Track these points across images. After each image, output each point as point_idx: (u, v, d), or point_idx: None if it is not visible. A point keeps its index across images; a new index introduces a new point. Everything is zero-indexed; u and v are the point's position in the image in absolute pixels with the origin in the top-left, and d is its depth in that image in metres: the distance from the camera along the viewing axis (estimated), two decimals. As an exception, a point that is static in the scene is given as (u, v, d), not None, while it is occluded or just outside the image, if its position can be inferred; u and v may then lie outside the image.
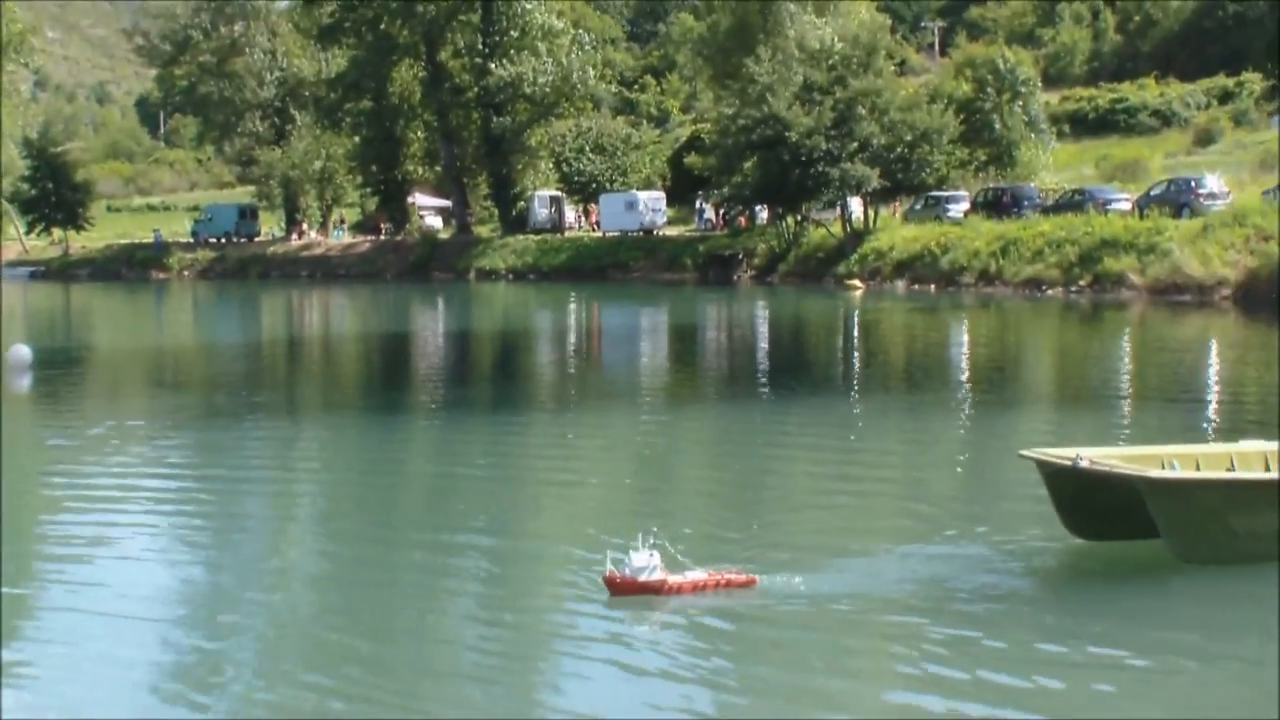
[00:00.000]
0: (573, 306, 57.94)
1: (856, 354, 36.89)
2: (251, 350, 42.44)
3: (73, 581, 12.98)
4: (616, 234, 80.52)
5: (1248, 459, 13.73)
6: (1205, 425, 21.31)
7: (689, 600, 11.52)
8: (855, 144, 63.31)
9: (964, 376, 30.86)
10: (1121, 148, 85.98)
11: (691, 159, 75.19)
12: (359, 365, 38.62)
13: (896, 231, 64.59)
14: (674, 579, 11.57)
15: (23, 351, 33.23)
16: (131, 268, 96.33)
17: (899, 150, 64.29)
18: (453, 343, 44.71)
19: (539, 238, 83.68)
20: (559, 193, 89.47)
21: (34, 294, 79.22)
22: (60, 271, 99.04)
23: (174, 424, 24.77)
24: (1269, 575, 12.14)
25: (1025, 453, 13.48)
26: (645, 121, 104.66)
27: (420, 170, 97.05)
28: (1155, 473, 12.50)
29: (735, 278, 68.96)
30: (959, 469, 18.37)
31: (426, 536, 14.83)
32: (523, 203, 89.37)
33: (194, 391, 31.17)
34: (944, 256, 58.66)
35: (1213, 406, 24.22)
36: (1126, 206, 57.57)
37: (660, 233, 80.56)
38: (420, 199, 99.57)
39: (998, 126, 74.01)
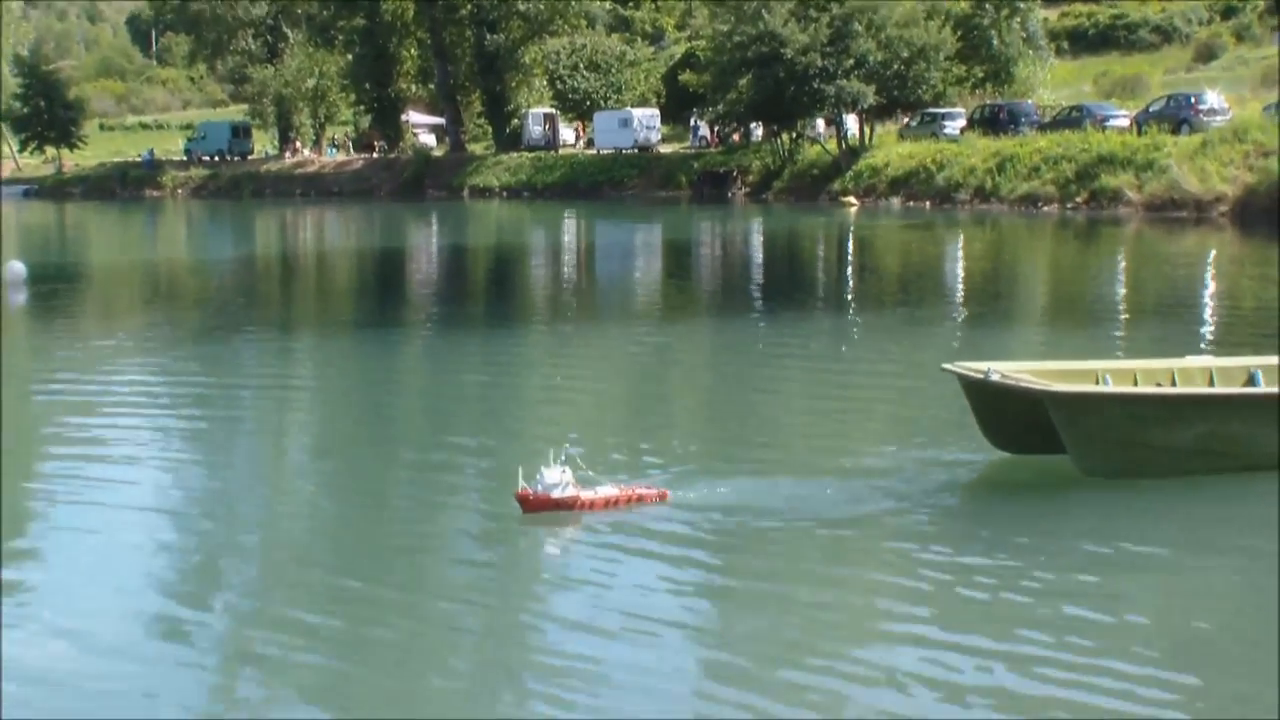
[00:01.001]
0: (567, 224, 57.78)
1: (850, 270, 36.82)
2: (246, 267, 42.37)
3: (70, 489, 12.95)
4: (611, 151, 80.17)
5: (1190, 374, 13.59)
6: (1201, 340, 21.24)
7: (600, 516, 11.36)
8: (851, 61, 62.85)
9: (958, 293, 30.81)
10: (1121, 64, 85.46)
11: (686, 76, 74.62)
12: (352, 281, 38.57)
13: (892, 148, 64.30)
14: (586, 495, 11.38)
15: (17, 267, 33.22)
16: (125, 186, 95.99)
17: (895, 67, 63.86)
18: (446, 259, 44.64)
19: (533, 155, 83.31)
20: (553, 110, 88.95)
21: (28, 212, 78.94)
22: (54, 189, 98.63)
23: (168, 338, 24.75)
24: (1176, 489, 12.15)
25: (946, 366, 13.28)
26: (640, 38, 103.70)
27: (414, 88, 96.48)
28: (1057, 386, 12.43)
29: (730, 195, 68.76)
30: (918, 385, 17.88)
31: (375, 448, 14.93)
32: (517, 120, 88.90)
33: (188, 307, 31.14)
34: (940, 174, 58.47)
35: (1209, 322, 24.15)
36: (1125, 123, 57.21)
37: (655, 150, 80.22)
38: (414, 116, 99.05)
39: (995, 43, 73.45)
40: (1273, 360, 14.07)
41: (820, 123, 67.27)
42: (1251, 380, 13.52)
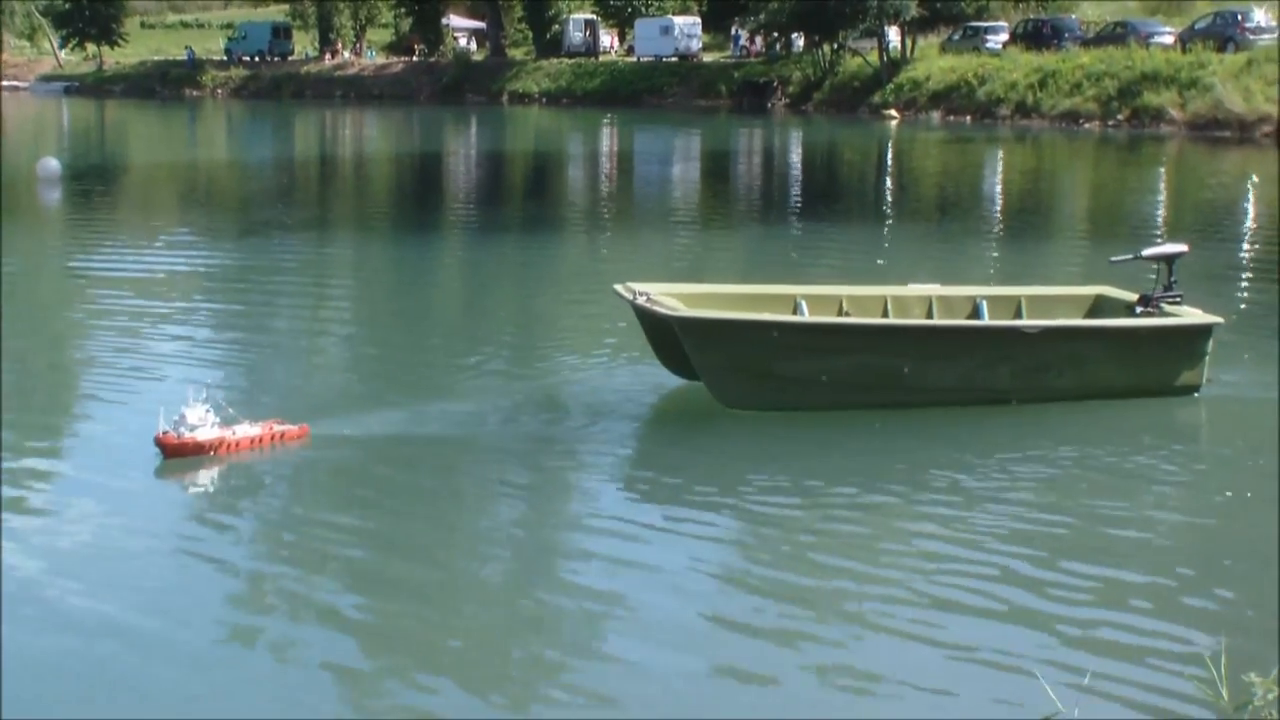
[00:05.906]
0: (605, 131, 57.60)
1: (889, 182, 36.69)
2: (284, 168, 42.42)
3: (104, 384, 12.96)
4: (651, 59, 79.64)
5: (905, 304, 12.59)
6: (1241, 263, 21.16)
7: (245, 457, 10.53)
8: (895, -29, 62.15)
9: (995, 207, 30.69)
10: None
11: (728, -16, 74.08)
12: (389, 184, 38.65)
13: (934, 62, 63.66)
14: (230, 436, 10.63)
15: (51, 164, 33.40)
16: (165, 85, 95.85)
17: (939, -21, 63.16)
18: (484, 164, 44.65)
19: (573, 61, 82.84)
20: (594, 16, 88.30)
21: (68, 109, 79.08)
22: (94, 87, 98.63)
23: (205, 237, 24.91)
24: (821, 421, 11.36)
25: (616, 286, 12.20)
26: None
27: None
28: (684, 312, 11.40)
29: (769, 106, 68.30)
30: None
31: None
32: (557, 26, 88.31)
33: (226, 207, 31.30)
34: (981, 88, 57.92)
35: (1245, 244, 23.98)
36: (1169, 40, 56.56)
37: (695, 59, 79.63)
38: (454, 20, 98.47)
39: (1041, -45, 72.44)
40: (1001, 290, 13.26)
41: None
42: (976, 311, 12.64)
